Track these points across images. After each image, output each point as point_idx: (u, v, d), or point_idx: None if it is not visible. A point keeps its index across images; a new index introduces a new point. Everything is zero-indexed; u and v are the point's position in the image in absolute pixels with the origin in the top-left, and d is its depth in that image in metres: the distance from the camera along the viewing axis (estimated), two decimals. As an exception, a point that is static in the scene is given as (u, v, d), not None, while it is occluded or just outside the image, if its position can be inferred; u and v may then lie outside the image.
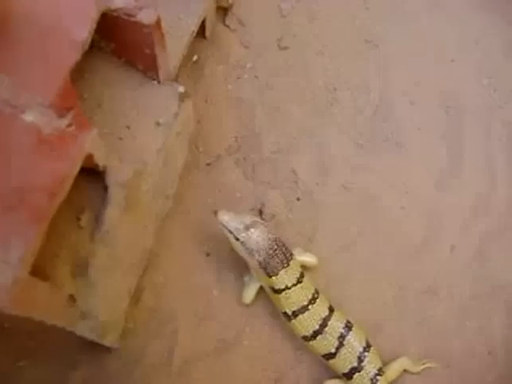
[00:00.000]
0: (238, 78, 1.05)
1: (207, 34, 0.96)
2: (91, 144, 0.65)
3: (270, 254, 0.89)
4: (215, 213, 0.90)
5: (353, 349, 0.91)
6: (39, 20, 0.67)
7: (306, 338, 0.92)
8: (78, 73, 0.76)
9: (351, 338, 0.91)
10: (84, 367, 0.94)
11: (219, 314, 0.97)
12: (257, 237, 0.89)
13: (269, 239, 0.89)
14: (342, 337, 0.91)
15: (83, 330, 0.81)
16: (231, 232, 0.89)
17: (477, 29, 1.13)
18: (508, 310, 1.00)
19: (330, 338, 0.90)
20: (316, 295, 0.92)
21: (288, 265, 0.90)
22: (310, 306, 0.91)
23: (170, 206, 0.95)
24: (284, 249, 0.90)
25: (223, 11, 1.06)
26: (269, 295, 0.94)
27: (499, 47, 1.12)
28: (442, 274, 1.02)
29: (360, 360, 0.91)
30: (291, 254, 0.91)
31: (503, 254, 1.03)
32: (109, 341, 0.89)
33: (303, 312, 0.90)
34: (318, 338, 0.91)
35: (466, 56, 1.12)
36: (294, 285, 0.90)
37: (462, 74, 1.11)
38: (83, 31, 0.67)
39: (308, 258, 0.97)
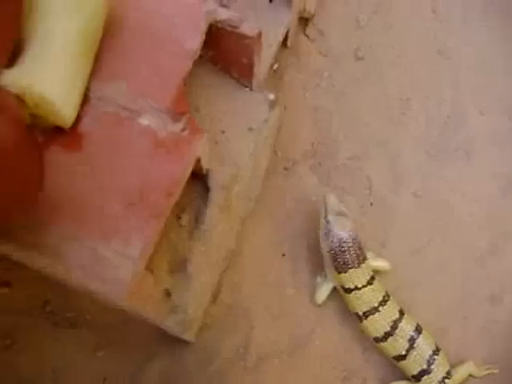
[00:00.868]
0: (316, 86, 1.08)
1: (288, 43, 1.00)
2: (201, 148, 0.69)
3: (342, 247, 0.92)
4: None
5: (423, 351, 0.93)
6: (154, 32, 0.71)
7: (377, 340, 0.94)
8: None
9: (421, 340, 0.93)
10: (160, 359, 0.98)
11: (293, 313, 1.00)
12: (341, 223, 0.92)
13: (349, 232, 0.92)
14: (412, 339, 0.93)
15: (171, 323, 0.85)
16: (326, 209, 0.93)
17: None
18: None
19: (401, 341, 0.93)
20: (387, 298, 0.94)
21: (358, 266, 0.92)
22: (380, 308, 0.93)
23: (251, 208, 0.99)
24: (358, 250, 0.93)
25: (304, 21, 1.09)
26: (341, 296, 0.97)
27: None
28: (508, 280, 1.04)
29: (429, 363, 0.93)
30: (364, 258, 0.94)
31: None
32: (189, 335, 0.92)
33: (374, 313, 0.93)
34: (389, 339, 0.93)
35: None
36: (364, 286, 0.93)
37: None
38: (195, 42, 0.71)
39: (381, 263, 1.00)
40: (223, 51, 0.81)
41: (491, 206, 1.07)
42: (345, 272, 0.92)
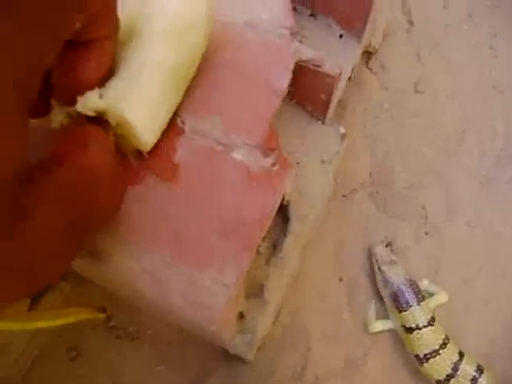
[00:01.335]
0: (376, 117, 1.12)
1: (352, 76, 1.04)
2: (290, 181, 0.73)
3: (401, 289, 0.96)
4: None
5: None
6: (245, 70, 0.75)
7: (439, 382, 0.96)
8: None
9: (483, 380, 0.95)
10: (219, 375, 1.02)
11: (348, 336, 1.04)
12: (394, 271, 0.97)
13: (404, 276, 0.97)
14: (474, 379, 0.94)
15: (237, 343, 0.89)
16: (377, 261, 0.99)
17: None
18: None
19: (463, 381, 0.94)
20: (447, 340, 0.96)
21: (418, 305, 0.96)
22: (441, 351, 0.95)
23: (314, 234, 1.03)
24: (416, 289, 0.97)
25: (368, 55, 1.14)
26: (402, 339, 1.01)
27: None
28: (556, 313, 1.07)
29: None
30: (423, 298, 0.97)
31: None
32: (250, 355, 0.96)
33: (435, 356, 0.95)
34: (451, 381, 0.95)
35: None
36: (425, 326, 0.95)
37: None
38: (284, 81, 0.75)
39: (438, 296, 1.03)
40: (302, 87, 0.85)
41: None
42: (406, 311, 0.96)
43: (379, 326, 1.02)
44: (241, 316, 0.84)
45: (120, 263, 0.68)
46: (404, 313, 0.96)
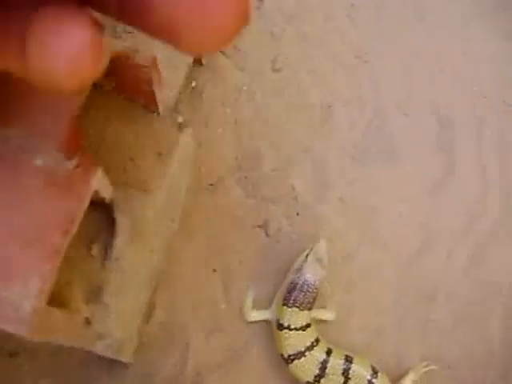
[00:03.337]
0: (236, 100, 1.09)
1: (203, 61, 1.01)
2: (97, 181, 0.71)
3: (301, 287, 0.94)
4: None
5: (360, 378, 0.94)
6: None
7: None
8: (84, 110, 0.81)
9: (355, 367, 0.94)
10: (103, 382, 1.00)
11: (227, 327, 1.02)
12: (315, 269, 0.95)
13: (316, 280, 0.95)
14: (345, 371, 0.93)
15: (100, 348, 0.87)
16: (312, 250, 0.97)
17: (464, 40, 1.17)
18: (505, 311, 1.04)
19: (334, 377, 0.93)
20: (315, 343, 0.95)
21: (302, 310, 0.94)
22: (306, 353, 0.94)
23: (175, 228, 1.00)
24: (312, 299, 0.95)
25: (218, 39, 1.10)
26: (274, 333, 0.99)
27: (485, 57, 1.15)
28: (440, 279, 1.06)
29: None
30: (310, 308, 0.95)
31: (498, 257, 1.06)
32: (125, 356, 0.94)
33: (300, 358, 0.94)
34: (321, 381, 0.94)
35: (455, 67, 1.15)
36: (296, 329, 0.94)
37: (452, 84, 1.14)
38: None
39: (326, 315, 1.01)
40: (123, 81, 0.82)
41: (419, 206, 1.09)
42: (288, 307, 0.94)
43: (256, 315, 1.01)
44: (87, 322, 0.82)
45: None
46: (285, 307, 0.95)
